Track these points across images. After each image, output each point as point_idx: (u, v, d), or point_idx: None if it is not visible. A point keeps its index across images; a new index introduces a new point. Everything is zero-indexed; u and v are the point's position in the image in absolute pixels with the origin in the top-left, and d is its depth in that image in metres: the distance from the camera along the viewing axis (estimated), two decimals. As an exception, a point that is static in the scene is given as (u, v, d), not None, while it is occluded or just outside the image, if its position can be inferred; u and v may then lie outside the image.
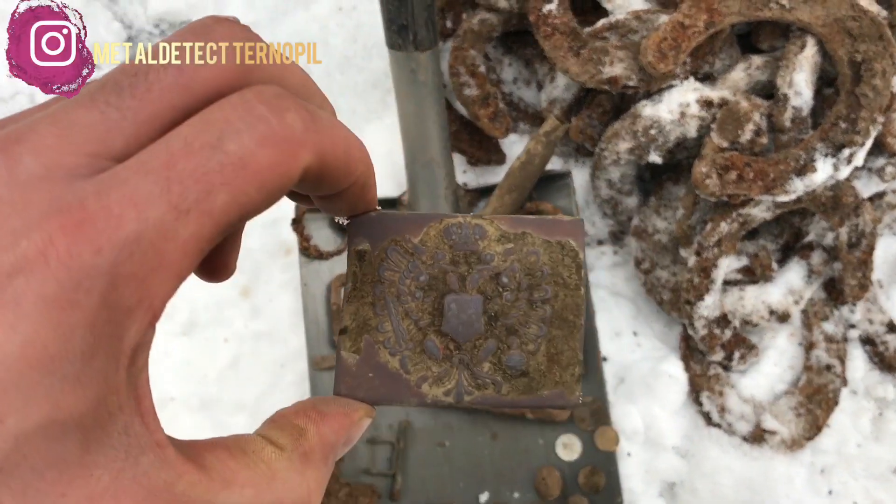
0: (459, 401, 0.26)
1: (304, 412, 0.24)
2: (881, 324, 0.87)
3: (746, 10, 0.76)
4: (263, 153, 0.18)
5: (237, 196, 0.18)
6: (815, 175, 0.75)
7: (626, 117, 0.81)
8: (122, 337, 0.17)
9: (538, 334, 0.26)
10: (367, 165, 0.23)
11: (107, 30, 1.01)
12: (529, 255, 0.27)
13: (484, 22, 0.88)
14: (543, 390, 0.26)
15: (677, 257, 0.87)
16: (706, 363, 0.86)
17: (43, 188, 0.17)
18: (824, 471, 0.85)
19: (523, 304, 0.27)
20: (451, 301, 0.26)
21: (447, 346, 0.26)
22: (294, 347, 0.90)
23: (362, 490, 0.81)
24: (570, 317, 0.27)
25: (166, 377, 0.89)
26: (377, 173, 0.92)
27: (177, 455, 0.19)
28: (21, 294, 0.16)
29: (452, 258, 0.27)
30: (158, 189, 0.17)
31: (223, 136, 0.18)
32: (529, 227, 0.27)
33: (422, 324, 0.26)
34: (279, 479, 0.21)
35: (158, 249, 0.17)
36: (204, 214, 0.18)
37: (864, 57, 0.74)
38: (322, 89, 0.24)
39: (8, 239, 0.16)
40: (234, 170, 0.18)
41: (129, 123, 0.18)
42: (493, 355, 0.26)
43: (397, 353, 0.26)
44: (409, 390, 0.26)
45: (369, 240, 0.27)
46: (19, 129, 0.18)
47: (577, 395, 0.26)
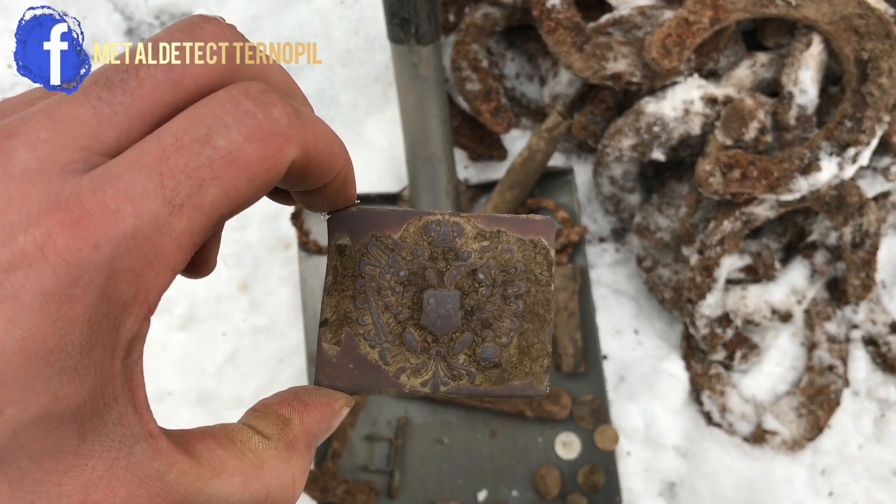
0: (436, 391, 0.27)
1: (288, 402, 0.25)
2: (884, 324, 0.86)
3: (752, 7, 0.75)
4: (251, 147, 0.19)
5: (227, 190, 0.19)
6: (819, 174, 0.74)
7: (630, 114, 0.81)
8: (118, 329, 0.18)
9: (511, 328, 0.28)
10: (347, 161, 0.24)
11: (107, 21, 1.00)
12: (504, 252, 0.28)
13: (487, 16, 0.88)
14: (514, 380, 0.28)
15: (679, 255, 0.87)
16: (707, 362, 0.86)
17: (39, 183, 0.17)
18: (825, 472, 0.84)
19: (498, 299, 0.28)
20: (430, 296, 0.28)
21: (425, 339, 0.27)
22: (292, 342, 0.90)
23: (360, 487, 0.80)
24: (540, 311, 0.28)
25: (164, 371, 0.89)
26: (378, 168, 0.91)
27: (168, 445, 0.20)
28: (20, 288, 0.16)
29: (431, 254, 0.28)
30: (152, 184, 0.18)
31: (212, 131, 0.19)
32: (504, 226, 0.28)
33: (401, 317, 0.28)
34: (266, 467, 0.22)
35: (154, 244, 0.18)
36: (196, 209, 0.18)
37: (870, 55, 0.73)
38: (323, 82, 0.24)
39: (6, 234, 0.17)
40: (223, 164, 0.19)
41: (120, 118, 0.19)
42: (469, 348, 0.28)
43: (377, 345, 0.27)
44: (388, 381, 0.27)
45: (350, 234, 0.28)
46: (12, 124, 0.18)
47: (546, 385, 0.28)
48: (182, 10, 1.02)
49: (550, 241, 0.29)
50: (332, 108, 0.96)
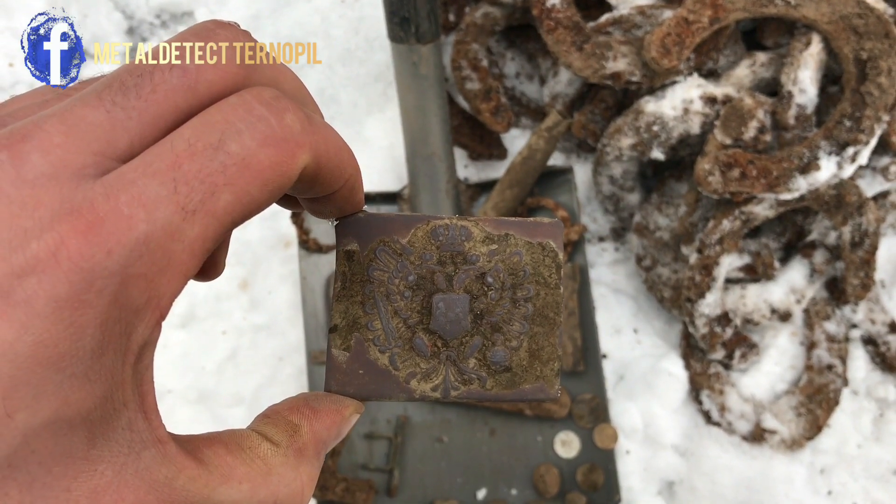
0: (446, 396, 0.27)
1: (297, 408, 0.24)
2: (883, 324, 0.86)
3: (751, 7, 0.75)
4: (264, 153, 0.19)
5: (240, 196, 0.19)
6: (818, 173, 0.74)
7: (629, 113, 0.81)
8: (130, 335, 0.18)
9: (521, 331, 0.28)
10: (355, 168, 0.24)
11: (108, 20, 1.00)
12: (512, 255, 0.28)
13: (487, 15, 0.88)
14: (525, 384, 0.27)
15: (679, 255, 0.87)
16: (707, 361, 0.86)
17: (52, 188, 0.17)
18: (824, 471, 0.85)
19: (507, 302, 0.28)
20: (439, 300, 0.28)
21: (435, 343, 0.27)
22: (292, 341, 0.90)
23: (359, 485, 0.80)
24: (550, 314, 0.28)
25: (164, 369, 0.89)
26: (378, 167, 0.91)
27: (177, 450, 0.20)
28: (33, 294, 0.16)
29: (440, 258, 0.28)
30: (166, 191, 0.18)
31: (225, 137, 0.19)
32: (512, 229, 0.28)
33: (410, 322, 0.27)
34: (275, 474, 0.22)
35: (167, 250, 0.18)
36: (209, 215, 0.18)
37: (869, 55, 0.73)
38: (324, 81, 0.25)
39: (19, 239, 0.16)
40: (236, 170, 0.19)
41: (134, 123, 0.19)
42: (479, 352, 0.27)
43: (387, 350, 0.27)
44: (398, 386, 0.27)
45: (357, 240, 0.28)
46: (26, 127, 0.18)
47: (557, 388, 0.28)
48: (182, 10, 1.02)
49: (559, 243, 0.29)
50: (333, 107, 0.96)
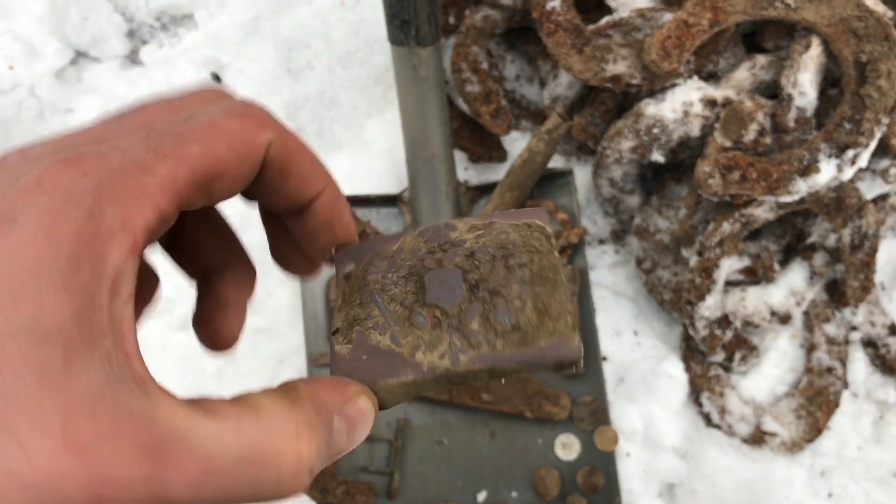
0: (455, 362, 0.25)
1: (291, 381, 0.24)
2: (883, 326, 0.86)
3: (751, 9, 0.75)
4: (230, 121, 0.22)
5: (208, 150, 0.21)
6: (818, 176, 0.74)
7: (629, 116, 0.81)
8: (105, 256, 0.19)
9: (521, 291, 0.26)
10: (331, 177, 0.26)
11: (108, 22, 1.00)
12: (499, 234, 0.28)
13: (487, 18, 0.88)
14: (540, 340, 0.25)
15: (679, 257, 0.87)
16: (707, 364, 0.86)
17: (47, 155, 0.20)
18: (824, 473, 0.85)
19: (501, 269, 0.27)
20: (432, 276, 0.27)
21: (434, 314, 0.26)
22: (292, 343, 0.90)
23: (360, 488, 0.80)
24: (549, 275, 0.27)
25: (164, 372, 0.89)
26: (378, 169, 0.91)
27: (158, 388, 0.20)
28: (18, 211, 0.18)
29: (428, 249, 0.28)
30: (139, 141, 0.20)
31: (196, 112, 0.22)
32: (496, 219, 0.29)
33: (407, 303, 0.27)
34: (265, 414, 0.21)
35: (139, 180, 0.20)
36: (179, 159, 0.20)
37: (869, 57, 0.73)
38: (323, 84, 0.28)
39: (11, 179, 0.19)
40: (205, 129, 0.21)
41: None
42: (481, 315, 0.26)
43: (387, 330, 0.27)
44: (404, 362, 0.26)
45: (354, 262, 0.29)
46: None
47: (578, 343, 0.26)
48: (183, 13, 1.02)
49: (545, 221, 0.28)
50: (333, 110, 0.96)
